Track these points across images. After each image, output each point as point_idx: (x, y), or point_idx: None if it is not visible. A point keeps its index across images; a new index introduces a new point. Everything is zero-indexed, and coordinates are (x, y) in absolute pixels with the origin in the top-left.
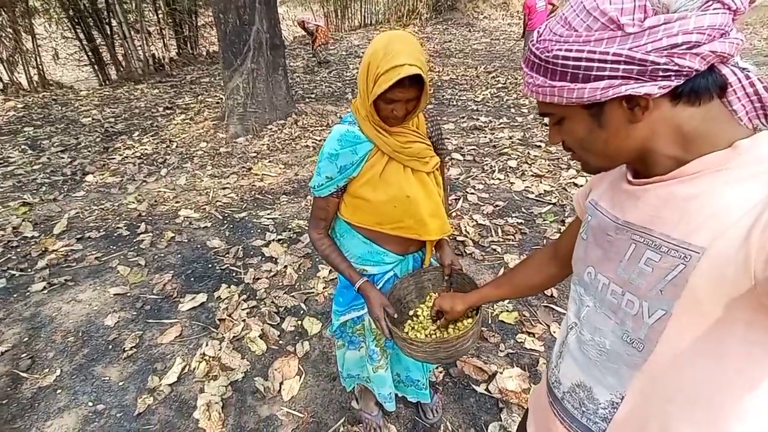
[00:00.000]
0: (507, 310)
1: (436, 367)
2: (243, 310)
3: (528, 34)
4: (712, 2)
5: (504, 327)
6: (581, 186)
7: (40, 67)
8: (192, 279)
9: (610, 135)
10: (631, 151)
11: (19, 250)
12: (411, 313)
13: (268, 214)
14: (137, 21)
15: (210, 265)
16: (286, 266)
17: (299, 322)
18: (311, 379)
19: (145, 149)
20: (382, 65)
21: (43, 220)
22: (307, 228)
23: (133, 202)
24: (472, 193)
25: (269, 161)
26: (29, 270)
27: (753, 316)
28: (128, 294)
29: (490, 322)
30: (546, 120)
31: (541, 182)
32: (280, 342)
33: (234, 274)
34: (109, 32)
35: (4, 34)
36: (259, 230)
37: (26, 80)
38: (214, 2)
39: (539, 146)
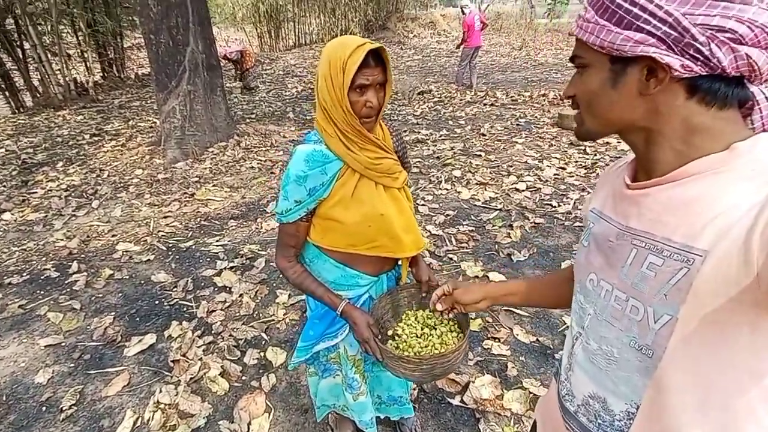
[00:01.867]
0: (471, 318)
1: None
2: (198, 347)
3: (466, 50)
4: None
5: (470, 335)
6: (522, 191)
7: None
8: (137, 319)
9: (617, 99)
10: (628, 123)
11: None
12: (390, 333)
13: (217, 241)
14: (54, 43)
15: (157, 302)
16: (241, 295)
17: (262, 354)
18: (281, 414)
19: (72, 180)
20: (345, 52)
21: None
22: (261, 253)
23: (62, 240)
24: (422, 205)
25: (213, 185)
26: None
27: (757, 318)
28: (63, 344)
29: None
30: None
31: (485, 190)
32: (244, 378)
33: (185, 309)
34: (21, 55)
35: None
36: (208, 259)
37: None
38: (143, 23)
39: (479, 155)
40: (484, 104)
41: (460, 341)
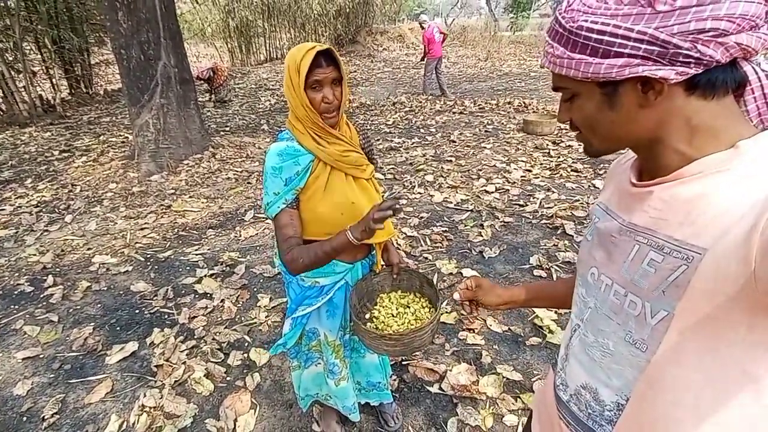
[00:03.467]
0: (446, 312)
1: (391, 375)
2: (182, 352)
3: (429, 61)
4: None
5: (446, 327)
6: (492, 192)
7: None
8: (118, 328)
9: (619, 117)
10: (636, 137)
11: None
12: (368, 316)
13: (196, 250)
14: (18, 60)
15: (137, 311)
16: (223, 300)
17: (245, 355)
18: (267, 410)
19: (43, 196)
20: (299, 56)
21: None
22: (241, 260)
23: (35, 255)
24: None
25: (190, 196)
26: None
27: (754, 317)
28: (41, 356)
29: None
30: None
31: (457, 192)
32: (228, 378)
33: (166, 316)
34: None
35: None
36: (188, 267)
37: None
38: (113, 38)
39: (450, 160)
40: (454, 112)
41: (432, 315)
